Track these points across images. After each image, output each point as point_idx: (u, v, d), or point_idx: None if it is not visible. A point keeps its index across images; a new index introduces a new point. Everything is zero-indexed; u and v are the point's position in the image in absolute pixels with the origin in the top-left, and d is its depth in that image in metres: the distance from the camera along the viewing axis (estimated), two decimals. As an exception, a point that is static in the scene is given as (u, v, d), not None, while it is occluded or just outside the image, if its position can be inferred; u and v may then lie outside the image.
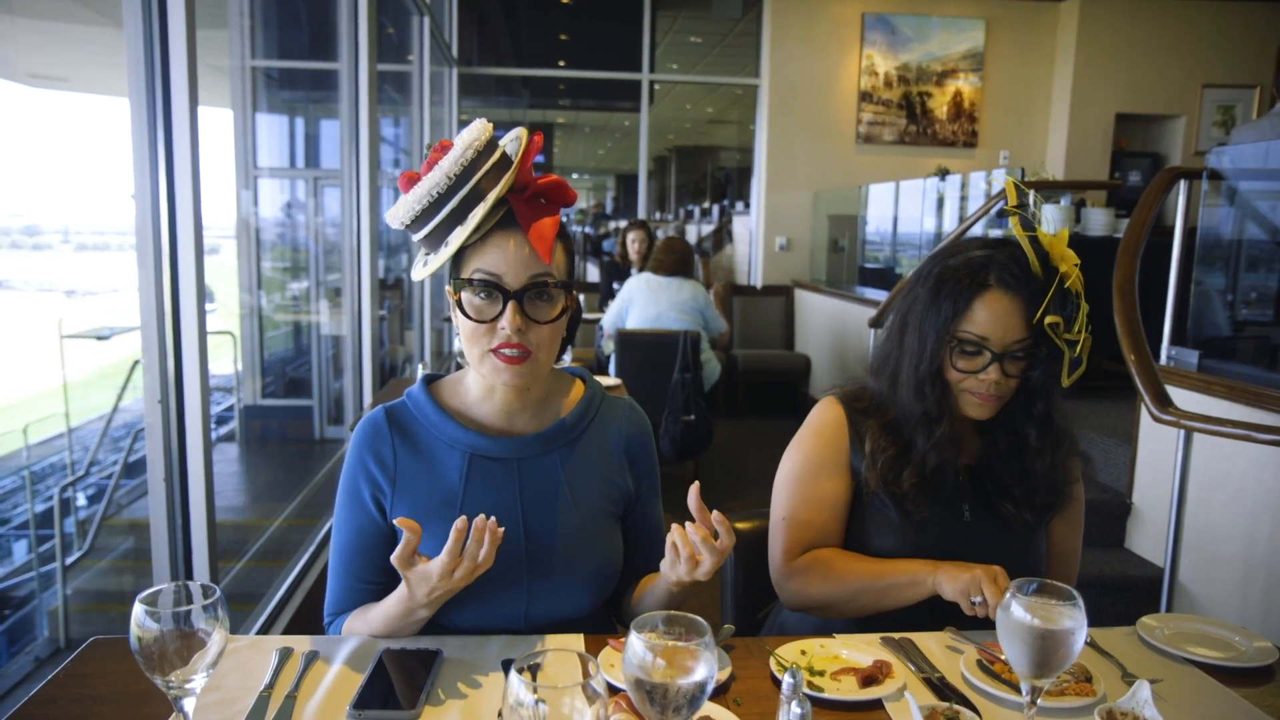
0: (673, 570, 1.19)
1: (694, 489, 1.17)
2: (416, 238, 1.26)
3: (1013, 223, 1.47)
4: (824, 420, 1.56)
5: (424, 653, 1.21)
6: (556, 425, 1.36)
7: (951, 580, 1.32)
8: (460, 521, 1.13)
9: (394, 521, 1.14)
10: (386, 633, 1.26)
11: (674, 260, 5.15)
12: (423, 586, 1.16)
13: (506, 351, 1.23)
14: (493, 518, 1.15)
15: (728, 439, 5.99)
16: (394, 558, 1.15)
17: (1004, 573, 1.29)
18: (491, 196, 1.19)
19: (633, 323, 5.09)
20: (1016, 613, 0.99)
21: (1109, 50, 7.18)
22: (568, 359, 2.34)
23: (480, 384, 1.34)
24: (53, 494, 3.85)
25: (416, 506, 1.30)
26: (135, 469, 3.91)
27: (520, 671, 0.80)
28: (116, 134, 1.99)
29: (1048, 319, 1.37)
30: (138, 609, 0.91)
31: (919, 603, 1.38)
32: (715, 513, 1.16)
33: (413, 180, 1.23)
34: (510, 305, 1.21)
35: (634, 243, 6.17)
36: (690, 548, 1.16)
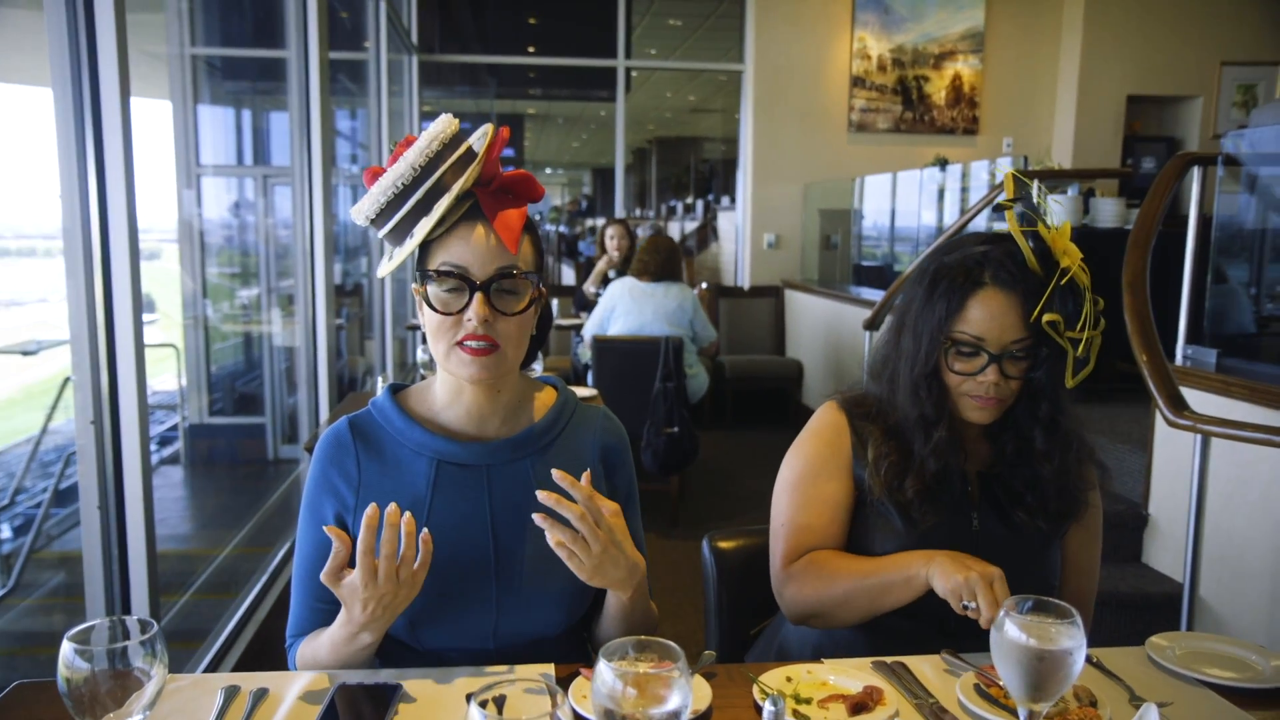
0: (580, 573, 1.21)
1: (555, 474, 1.18)
2: (381, 234, 1.30)
3: (1008, 217, 1.50)
4: (824, 424, 1.60)
5: (382, 688, 1.21)
6: (527, 430, 1.39)
7: (944, 577, 1.32)
8: (371, 510, 1.14)
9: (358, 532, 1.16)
10: (335, 663, 1.26)
11: (659, 262, 5.03)
12: (354, 602, 1.17)
13: (472, 344, 1.26)
14: (407, 514, 1.16)
15: (714, 452, 6.01)
16: (323, 575, 1.16)
17: (1002, 576, 1.30)
18: (456, 188, 1.24)
19: (614, 332, 5.07)
20: (1010, 632, 1.00)
21: (1119, 27, 7.22)
22: (539, 368, 2.35)
23: (448, 386, 1.37)
24: (-27, 526, 3.81)
25: None
26: (67, 496, 3.87)
27: (484, 705, 0.81)
28: (41, 128, 1.98)
29: (1046, 317, 1.40)
30: (66, 647, 0.92)
31: (928, 624, 1.39)
32: (554, 474, 1.18)
33: (378, 175, 1.29)
34: (477, 297, 1.25)
35: (613, 239, 6.17)
36: (569, 538, 1.17)
